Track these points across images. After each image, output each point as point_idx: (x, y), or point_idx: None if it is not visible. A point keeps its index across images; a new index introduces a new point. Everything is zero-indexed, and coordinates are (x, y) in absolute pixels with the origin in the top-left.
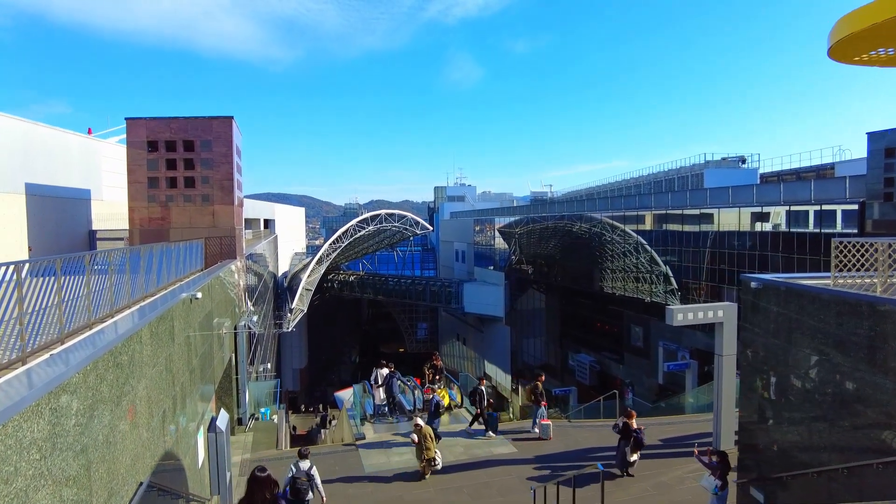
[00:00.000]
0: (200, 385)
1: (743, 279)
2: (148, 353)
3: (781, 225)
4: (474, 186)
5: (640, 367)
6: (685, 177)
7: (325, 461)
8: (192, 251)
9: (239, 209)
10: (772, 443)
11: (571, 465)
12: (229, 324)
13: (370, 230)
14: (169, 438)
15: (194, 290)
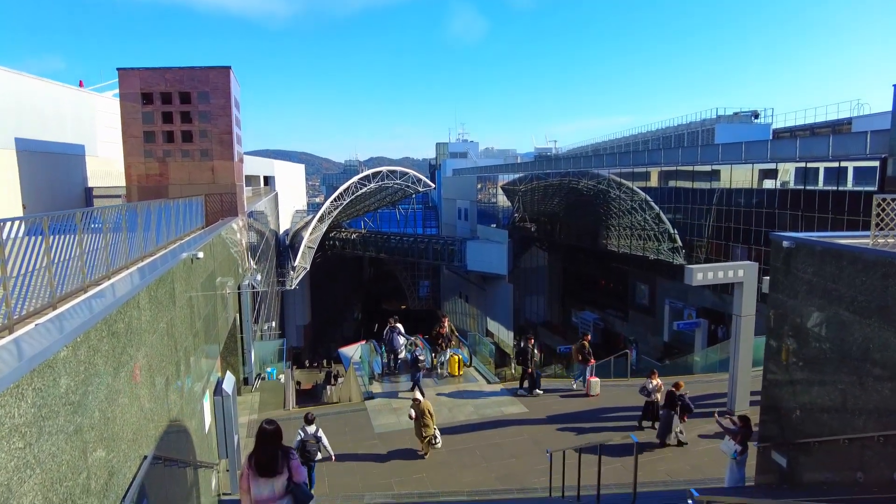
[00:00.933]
0: (205, 348)
1: (773, 238)
2: (147, 318)
3: (790, 182)
4: (477, 143)
5: (644, 324)
6: (695, 132)
7: (334, 421)
8: (193, 208)
9: (239, 165)
10: (798, 407)
11: (584, 426)
12: (232, 283)
13: (371, 188)
14: (173, 407)
15: (195, 250)
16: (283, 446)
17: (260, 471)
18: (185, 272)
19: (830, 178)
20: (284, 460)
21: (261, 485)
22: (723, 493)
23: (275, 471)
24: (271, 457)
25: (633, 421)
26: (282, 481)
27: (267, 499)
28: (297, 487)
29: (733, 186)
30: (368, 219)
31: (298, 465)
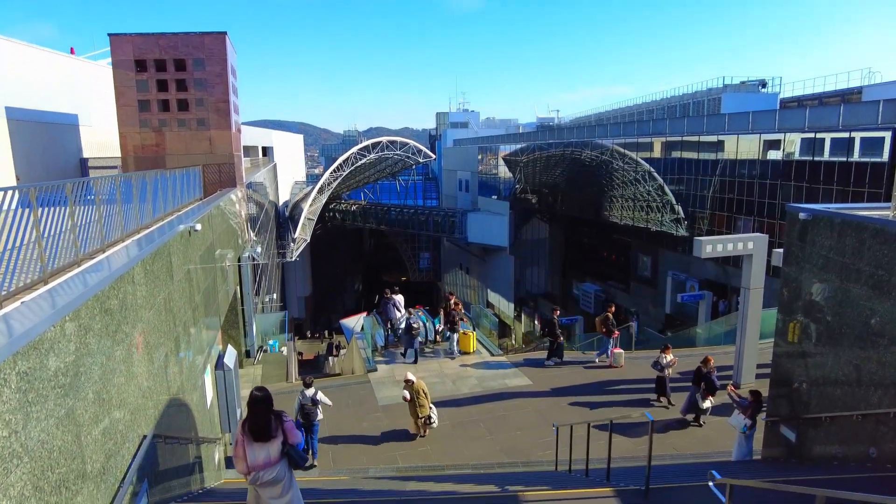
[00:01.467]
0: (205, 322)
1: (789, 209)
2: (143, 294)
3: (795, 153)
4: (478, 112)
5: (646, 296)
6: (701, 101)
7: (337, 393)
8: (190, 179)
9: (237, 134)
10: (810, 382)
11: (588, 399)
12: (232, 255)
13: (371, 158)
14: (173, 383)
15: (193, 222)
16: (275, 411)
17: (254, 436)
18: (183, 245)
19: (837, 148)
20: (278, 423)
21: (256, 450)
22: (737, 471)
23: (269, 435)
24: (265, 422)
25: (638, 394)
26: (276, 445)
27: (263, 464)
28: (292, 449)
29: (740, 157)
30: (368, 190)
31: (292, 427)
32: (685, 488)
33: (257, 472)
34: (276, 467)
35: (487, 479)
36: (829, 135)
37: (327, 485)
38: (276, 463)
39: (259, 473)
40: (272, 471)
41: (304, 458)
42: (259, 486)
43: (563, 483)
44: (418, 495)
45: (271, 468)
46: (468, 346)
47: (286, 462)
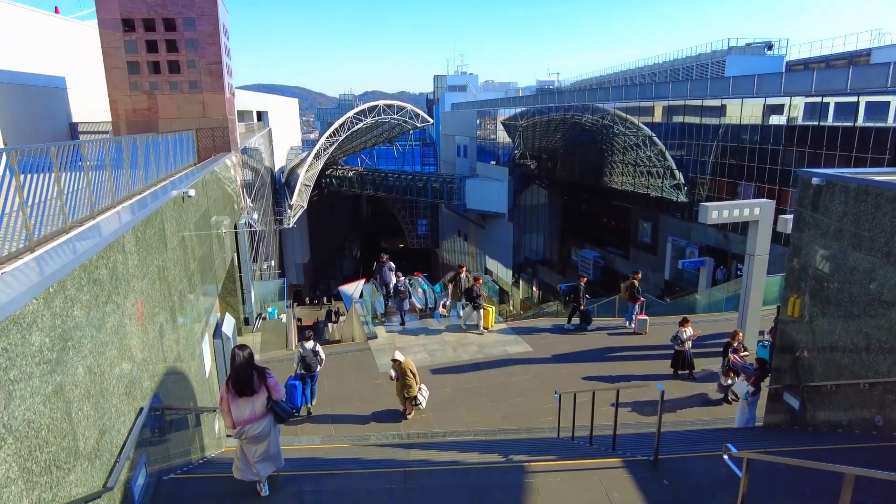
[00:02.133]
0: (201, 290)
1: (801, 174)
2: (135, 263)
3: (798, 118)
4: (476, 75)
5: (646, 262)
6: (705, 64)
7: (337, 360)
8: (184, 144)
9: (231, 97)
10: (816, 350)
11: (589, 365)
12: (229, 222)
13: (367, 123)
14: (169, 354)
15: (186, 187)
16: (258, 367)
17: (238, 392)
18: (177, 211)
19: (841, 113)
20: (261, 380)
21: (240, 405)
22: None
23: (252, 390)
24: (247, 377)
25: (641, 361)
26: (261, 400)
27: (248, 418)
28: (276, 405)
29: (742, 122)
30: (365, 156)
31: (276, 384)
32: (694, 458)
33: (242, 426)
34: (262, 422)
35: (491, 448)
36: (833, 99)
37: (328, 453)
38: (261, 418)
39: (244, 428)
40: (257, 426)
41: (289, 412)
42: (245, 441)
43: (569, 452)
44: (422, 464)
45: (256, 423)
46: (488, 323)
47: (271, 417)
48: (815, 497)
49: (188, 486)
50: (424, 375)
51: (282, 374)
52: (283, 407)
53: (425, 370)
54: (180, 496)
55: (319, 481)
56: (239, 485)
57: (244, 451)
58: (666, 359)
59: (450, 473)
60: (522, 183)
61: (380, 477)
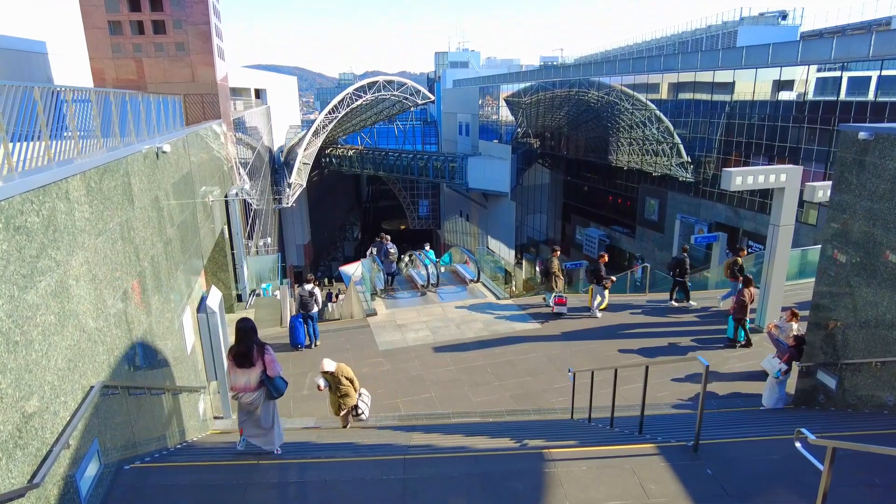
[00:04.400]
0: (182, 259)
1: (845, 130)
2: (85, 215)
3: (809, 94)
4: (478, 52)
5: (652, 240)
6: (715, 36)
7: (335, 338)
8: (169, 107)
9: (221, 62)
10: (858, 324)
11: (600, 343)
12: (219, 192)
13: (367, 100)
14: (136, 326)
15: (160, 143)
16: (258, 341)
17: (237, 362)
18: (148, 167)
19: (855, 87)
20: (259, 354)
21: (238, 375)
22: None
23: (250, 362)
24: (247, 349)
25: (651, 338)
26: (256, 373)
27: (243, 387)
28: (269, 381)
29: (751, 98)
30: (365, 134)
31: (273, 361)
32: (736, 444)
33: (237, 393)
34: (254, 393)
35: (500, 430)
36: (846, 73)
37: (323, 436)
38: (254, 390)
39: (239, 395)
40: (249, 395)
41: (280, 390)
42: (240, 406)
43: (590, 436)
44: (424, 450)
45: (249, 393)
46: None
47: (264, 391)
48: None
49: (154, 475)
50: (426, 353)
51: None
52: (277, 385)
53: (427, 348)
54: (141, 488)
55: (305, 470)
56: (210, 473)
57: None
58: (681, 335)
59: (456, 461)
60: (525, 161)
61: (376, 465)
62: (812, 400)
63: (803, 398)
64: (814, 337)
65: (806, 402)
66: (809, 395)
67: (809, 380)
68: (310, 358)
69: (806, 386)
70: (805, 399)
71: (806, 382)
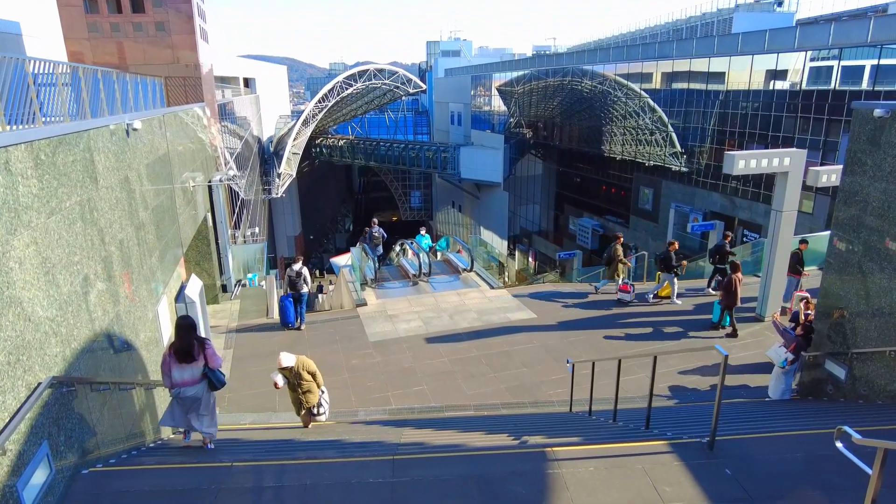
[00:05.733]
0: (157, 245)
1: (858, 107)
2: (32, 190)
3: (802, 83)
4: (470, 41)
5: (647, 230)
6: (710, 23)
7: (323, 329)
8: (148, 88)
9: (204, 44)
10: (871, 311)
11: (599, 333)
12: (202, 179)
13: (358, 88)
14: (100, 315)
15: (131, 119)
16: (198, 336)
17: (179, 357)
18: (116, 145)
19: (848, 77)
20: (200, 348)
21: (182, 369)
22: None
23: (192, 357)
24: (188, 345)
25: (647, 327)
26: (199, 367)
27: (187, 381)
28: (211, 373)
29: (745, 87)
30: (356, 124)
31: (213, 353)
32: (754, 440)
33: (179, 388)
34: (197, 386)
35: (496, 425)
36: (841, 62)
37: (307, 434)
38: (198, 382)
39: (181, 389)
40: (191, 389)
41: (222, 382)
42: (179, 400)
43: (594, 432)
44: (416, 450)
45: (193, 386)
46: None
47: (206, 383)
48: None
49: (116, 480)
50: (418, 345)
51: (262, 346)
52: (218, 376)
53: (420, 339)
54: (98, 495)
55: (284, 473)
56: (179, 477)
57: (177, 409)
58: (679, 325)
59: (450, 461)
60: (518, 151)
61: (362, 467)
62: (819, 391)
63: (810, 389)
64: (821, 326)
65: (813, 393)
66: (817, 386)
67: (817, 370)
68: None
69: (813, 376)
70: (812, 390)
71: (813, 373)
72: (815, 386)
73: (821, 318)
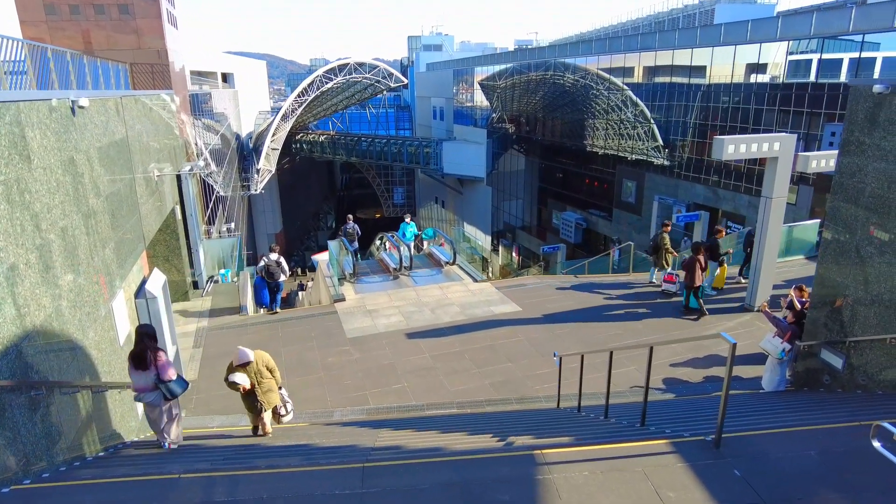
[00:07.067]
0: (112, 236)
1: (856, 84)
2: None
3: (781, 77)
4: (452, 36)
5: (630, 223)
6: (691, 15)
7: (299, 326)
8: (109, 73)
9: (173, 29)
10: (870, 298)
11: (586, 325)
12: (171, 170)
13: (338, 82)
14: (34, 311)
15: (76, 97)
16: (152, 346)
17: (134, 363)
18: (58, 123)
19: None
20: (153, 358)
21: (137, 375)
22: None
23: (145, 365)
24: (140, 351)
25: (635, 320)
26: (152, 376)
27: (143, 388)
28: (162, 384)
29: (726, 81)
30: (337, 119)
31: (165, 365)
32: (761, 437)
33: (139, 393)
34: (152, 394)
35: (480, 424)
36: (814, 56)
37: (277, 437)
38: (152, 390)
39: (140, 395)
40: (149, 395)
41: (173, 392)
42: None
43: (586, 431)
44: (391, 455)
45: (149, 393)
46: (720, 282)
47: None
48: None
49: (42, 498)
50: (399, 340)
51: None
52: (170, 388)
53: (400, 334)
54: None
55: (237, 485)
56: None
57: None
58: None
59: (428, 468)
60: (501, 146)
61: (329, 476)
62: (815, 381)
63: (805, 380)
64: (817, 314)
65: (808, 383)
66: (812, 377)
67: (812, 360)
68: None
69: (808, 366)
70: (807, 380)
71: (808, 363)
72: (811, 376)
73: (816, 307)
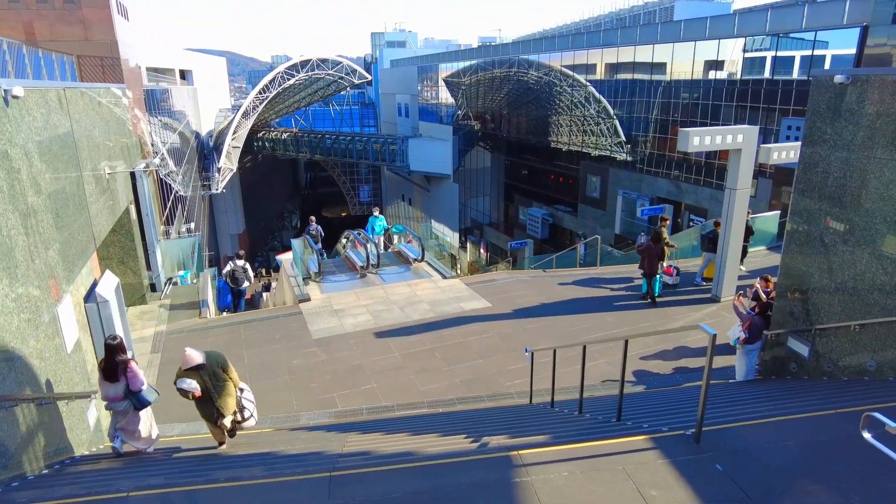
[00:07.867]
0: (57, 237)
1: (818, 75)
2: None
3: (737, 73)
4: (416, 33)
5: (595, 218)
6: (652, 12)
7: (262, 328)
8: (52, 65)
9: (123, 20)
10: (834, 285)
11: (557, 319)
12: (124, 167)
13: (301, 79)
14: None
15: (9, 86)
16: (122, 358)
17: (105, 375)
18: None
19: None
20: (122, 370)
21: (107, 387)
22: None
23: (115, 377)
24: (112, 364)
25: (607, 312)
26: (122, 386)
27: (112, 398)
28: (132, 395)
29: (686, 77)
30: (300, 116)
31: (134, 376)
32: (740, 429)
33: (110, 402)
34: (123, 403)
35: (453, 424)
36: (768, 53)
37: (239, 445)
38: (122, 400)
39: (111, 404)
40: (120, 405)
41: (143, 402)
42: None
43: (561, 428)
44: (359, 462)
45: (119, 402)
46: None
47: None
48: None
49: None
50: (367, 340)
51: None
52: (139, 398)
53: (368, 334)
54: None
55: (194, 501)
56: None
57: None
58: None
59: (399, 475)
60: (467, 143)
61: (291, 488)
62: (783, 369)
63: (773, 368)
64: (782, 303)
65: (776, 371)
66: (780, 365)
67: (778, 348)
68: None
69: (775, 355)
70: (775, 369)
71: (775, 351)
72: (778, 364)
73: (781, 297)
